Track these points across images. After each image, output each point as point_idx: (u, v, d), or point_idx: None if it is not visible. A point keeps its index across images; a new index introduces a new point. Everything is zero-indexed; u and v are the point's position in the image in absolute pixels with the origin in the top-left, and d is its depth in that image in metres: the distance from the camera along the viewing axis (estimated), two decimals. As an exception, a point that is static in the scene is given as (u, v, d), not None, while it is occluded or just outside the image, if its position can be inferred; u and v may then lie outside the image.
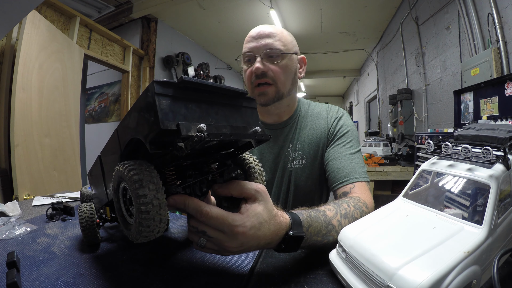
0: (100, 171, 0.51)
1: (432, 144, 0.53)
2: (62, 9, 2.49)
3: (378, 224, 0.46)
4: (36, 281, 0.46)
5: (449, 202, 0.48)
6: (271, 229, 0.43)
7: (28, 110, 1.86)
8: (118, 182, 0.38)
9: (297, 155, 0.86)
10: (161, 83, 0.32)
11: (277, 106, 0.85)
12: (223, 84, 1.31)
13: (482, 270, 0.37)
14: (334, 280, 0.46)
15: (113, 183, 0.38)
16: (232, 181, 0.44)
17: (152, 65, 3.76)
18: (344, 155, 0.81)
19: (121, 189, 0.38)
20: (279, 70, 0.79)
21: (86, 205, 0.59)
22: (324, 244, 0.52)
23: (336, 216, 0.56)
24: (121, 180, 0.37)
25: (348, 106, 8.77)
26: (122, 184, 0.38)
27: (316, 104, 0.95)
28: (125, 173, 0.34)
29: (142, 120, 0.33)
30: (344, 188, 0.75)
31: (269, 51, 0.78)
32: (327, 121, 0.88)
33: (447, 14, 2.45)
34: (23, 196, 1.71)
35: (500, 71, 1.73)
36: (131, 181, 0.33)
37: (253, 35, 0.81)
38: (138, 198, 0.33)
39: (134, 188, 0.33)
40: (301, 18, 3.99)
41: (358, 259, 0.40)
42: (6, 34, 1.87)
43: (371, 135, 4.04)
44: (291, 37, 0.84)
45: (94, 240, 0.59)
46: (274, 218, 0.44)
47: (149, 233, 0.35)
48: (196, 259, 0.55)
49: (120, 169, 0.35)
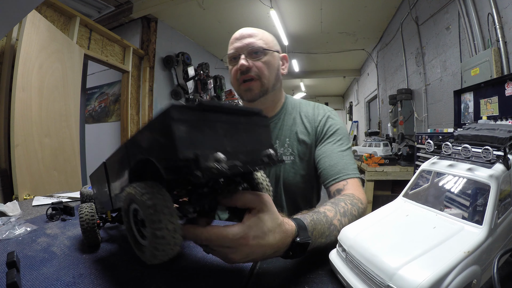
0: (105, 179, 0.50)
1: (432, 144, 0.53)
2: (62, 9, 2.49)
3: (378, 224, 0.46)
4: (36, 281, 0.46)
5: (449, 202, 0.48)
6: (276, 238, 0.42)
7: (28, 110, 1.86)
8: (128, 203, 0.37)
9: (285, 151, 0.89)
10: (179, 108, 0.30)
11: (263, 102, 0.89)
12: (233, 100, 1.32)
13: (482, 270, 0.37)
14: (334, 280, 0.46)
15: (124, 204, 0.38)
16: (236, 192, 0.43)
17: (152, 65, 3.76)
18: (335, 152, 0.83)
19: (131, 210, 0.38)
20: (262, 66, 0.84)
21: (86, 206, 0.59)
22: (327, 244, 0.52)
23: (336, 216, 0.57)
24: (131, 202, 0.36)
25: (348, 106, 8.77)
26: (133, 206, 0.37)
27: (302, 102, 0.98)
28: (138, 196, 0.33)
29: (156, 143, 0.33)
30: (337, 185, 0.76)
31: (252, 48, 0.84)
32: (315, 119, 0.91)
33: (447, 14, 2.45)
34: (23, 196, 1.71)
35: (500, 71, 1.73)
36: (145, 206, 0.32)
37: (236, 37, 0.87)
38: (153, 224, 0.32)
39: (149, 213, 0.32)
40: (301, 18, 3.99)
41: (358, 259, 0.40)
42: (6, 34, 1.87)
43: (371, 135, 4.03)
44: (272, 37, 0.90)
45: (94, 241, 0.59)
46: (280, 227, 0.43)
47: (164, 256, 0.34)
48: (196, 259, 0.55)
49: (131, 191, 0.35)
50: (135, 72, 3.67)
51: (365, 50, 5.22)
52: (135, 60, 3.66)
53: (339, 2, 3.52)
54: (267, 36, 0.88)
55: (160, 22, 3.83)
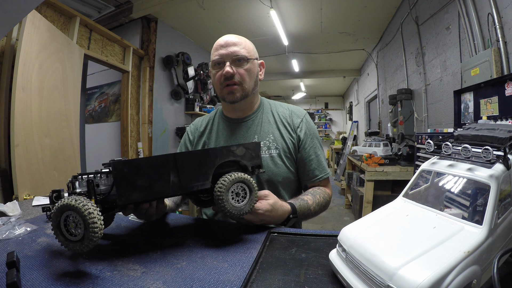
0: (170, 168, 0.59)
1: (432, 144, 0.53)
2: (62, 9, 2.49)
3: (378, 224, 0.46)
4: (36, 281, 0.46)
5: (449, 202, 0.48)
6: (279, 213, 0.76)
7: (28, 110, 1.86)
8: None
9: (271, 145, 0.99)
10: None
11: (242, 104, 1.00)
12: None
13: (482, 270, 0.37)
14: (334, 280, 0.46)
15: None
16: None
17: (152, 65, 3.76)
18: (313, 157, 1.00)
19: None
20: (244, 73, 0.94)
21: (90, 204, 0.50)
22: (303, 220, 0.94)
23: (313, 204, 0.90)
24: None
25: (348, 106, 8.78)
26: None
27: (276, 103, 1.10)
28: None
29: (249, 154, 0.69)
30: (314, 184, 1.01)
31: (237, 56, 0.92)
32: (293, 121, 1.02)
33: (447, 14, 2.45)
34: (23, 196, 1.71)
35: (500, 71, 1.73)
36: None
37: (221, 44, 0.94)
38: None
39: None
40: (301, 18, 3.99)
41: (358, 259, 0.40)
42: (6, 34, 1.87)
43: (371, 135, 4.04)
44: (253, 46, 1.01)
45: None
46: (282, 207, 0.78)
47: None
48: (196, 259, 0.55)
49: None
50: (135, 72, 3.67)
51: (365, 50, 5.22)
52: (135, 60, 3.66)
53: (339, 2, 3.52)
54: (249, 45, 0.98)
55: (160, 22, 3.83)
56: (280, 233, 0.68)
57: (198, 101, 4.47)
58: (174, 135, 4.25)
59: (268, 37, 4.47)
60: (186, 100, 4.39)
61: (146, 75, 3.73)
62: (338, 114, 10.64)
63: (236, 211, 0.62)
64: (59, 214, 0.49)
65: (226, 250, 0.59)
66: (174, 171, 0.59)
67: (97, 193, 0.55)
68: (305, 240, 0.63)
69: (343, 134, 8.35)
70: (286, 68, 6.64)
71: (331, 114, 10.72)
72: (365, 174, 2.95)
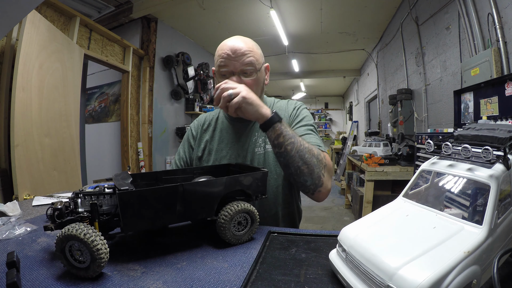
0: (176, 199, 0.58)
1: (432, 144, 0.53)
2: (62, 9, 2.49)
3: (378, 224, 0.46)
4: (36, 281, 0.46)
5: (449, 202, 0.48)
6: (262, 105, 0.79)
7: (28, 110, 1.86)
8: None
9: (267, 140, 0.96)
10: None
11: None
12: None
13: (482, 270, 0.37)
14: (334, 280, 0.46)
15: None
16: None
17: (152, 65, 3.76)
18: (306, 133, 0.95)
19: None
20: (252, 84, 0.89)
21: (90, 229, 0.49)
22: (288, 154, 0.79)
23: (301, 142, 0.80)
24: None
25: (348, 106, 8.78)
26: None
27: (277, 100, 1.10)
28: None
29: (255, 184, 0.69)
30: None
31: (246, 68, 0.88)
32: (287, 111, 1.03)
33: (447, 14, 2.45)
34: (23, 196, 1.71)
35: (500, 71, 1.73)
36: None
37: (228, 52, 0.87)
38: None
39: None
40: (301, 18, 3.99)
41: (358, 259, 0.40)
42: (6, 34, 1.87)
43: (371, 135, 4.04)
44: (260, 50, 0.95)
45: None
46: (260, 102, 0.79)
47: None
48: (196, 259, 0.55)
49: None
50: (135, 72, 3.67)
51: (365, 50, 5.22)
52: (135, 60, 3.67)
53: (339, 2, 3.52)
54: (257, 51, 0.92)
55: (160, 22, 3.83)
56: (280, 233, 0.68)
57: (198, 101, 4.47)
58: (174, 135, 4.25)
59: (268, 37, 4.47)
60: (186, 100, 4.39)
61: (146, 75, 3.73)
62: (338, 114, 10.65)
63: (235, 239, 0.62)
64: (63, 241, 0.47)
65: (226, 250, 0.59)
66: (181, 201, 0.58)
67: (99, 213, 0.54)
68: (305, 240, 0.63)
69: (343, 134, 8.35)
70: (286, 68, 6.64)
71: (331, 114, 10.73)
72: (365, 174, 2.95)
